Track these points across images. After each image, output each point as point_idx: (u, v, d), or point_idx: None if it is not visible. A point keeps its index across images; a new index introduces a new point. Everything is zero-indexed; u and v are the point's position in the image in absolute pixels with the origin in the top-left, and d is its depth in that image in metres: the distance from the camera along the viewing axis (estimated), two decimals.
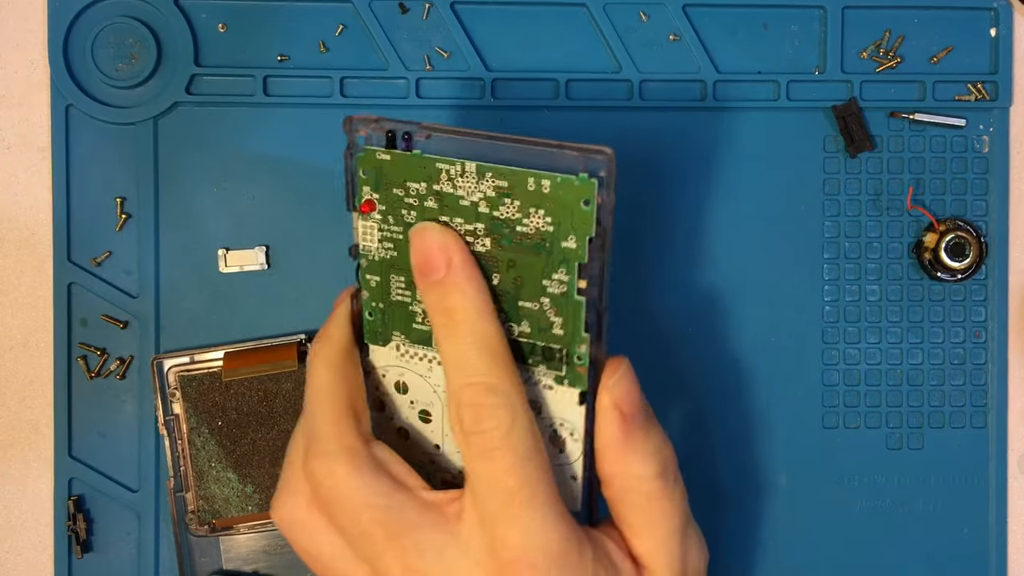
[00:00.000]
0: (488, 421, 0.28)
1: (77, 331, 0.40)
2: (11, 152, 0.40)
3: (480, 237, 0.29)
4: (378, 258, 0.31)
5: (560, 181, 0.28)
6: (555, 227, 0.28)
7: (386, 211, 0.30)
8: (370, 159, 0.30)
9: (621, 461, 0.30)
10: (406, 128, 0.30)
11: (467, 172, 0.29)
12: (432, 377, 0.31)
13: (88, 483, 0.40)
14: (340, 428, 0.29)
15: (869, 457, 0.42)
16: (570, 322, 0.29)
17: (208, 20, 0.40)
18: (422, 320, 0.31)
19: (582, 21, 0.41)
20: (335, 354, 0.31)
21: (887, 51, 0.42)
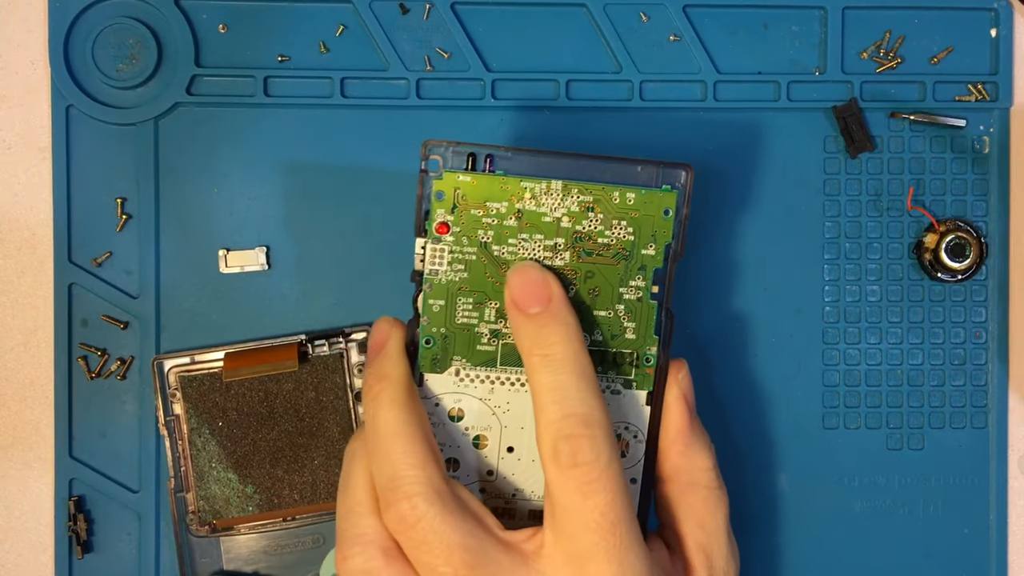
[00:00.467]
0: (587, 453, 0.28)
1: (78, 331, 0.40)
2: (11, 152, 0.40)
3: (560, 252, 0.31)
4: (445, 281, 0.31)
5: (645, 193, 0.31)
6: (636, 236, 0.31)
7: (460, 232, 0.31)
8: (449, 181, 0.31)
9: (687, 453, 0.32)
10: (488, 151, 0.31)
11: (552, 189, 0.31)
12: (493, 399, 0.32)
13: (89, 484, 0.40)
14: (426, 470, 0.29)
15: (869, 457, 0.42)
16: (643, 326, 0.32)
17: (208, 21, 0.40)
18: (487, 341, 0.32)
19: (582, 21, 0.41)
20: (400, 393, 0.30)
21: (887, 51, 0.42)
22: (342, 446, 0.39)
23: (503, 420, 0.32)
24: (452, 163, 0.31)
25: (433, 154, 0.31)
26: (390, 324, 0.32)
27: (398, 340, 0.32)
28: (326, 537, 0.40)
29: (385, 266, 0.41)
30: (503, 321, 0.31)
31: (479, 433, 0.32)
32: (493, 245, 0.31)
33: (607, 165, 0.31)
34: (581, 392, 0.29)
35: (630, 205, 0.31)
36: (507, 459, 0.32)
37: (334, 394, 0.39)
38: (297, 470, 0.39)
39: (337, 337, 0.40)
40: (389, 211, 0.41)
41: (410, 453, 0.29)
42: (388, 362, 0.31)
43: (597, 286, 0.31)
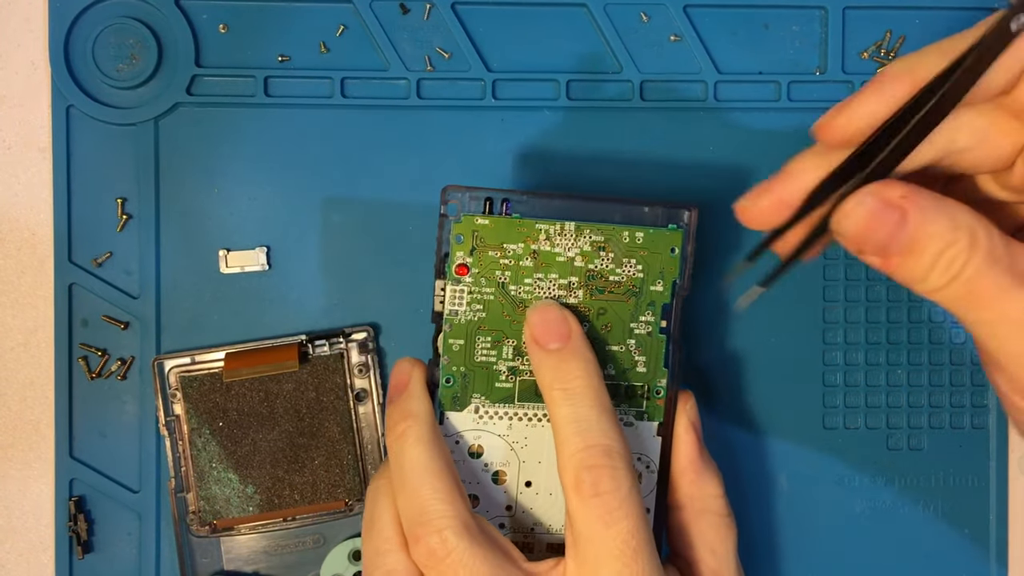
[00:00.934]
0: (608, 482, 0.29)
1: (78, 331, 0.40)
2: (12, 152, 0.40)
3: (574, 289, 0.33)
4: (464, 320, 0.33)
5: (653, 233, 0.33)
6: (645, 273, 0.33)
7: (478, 273, 0.33)
8: (468, 225, 0.33)
9: (698, 481, 0.33)
10: (504, 196, 0.33)
11: (566, 230, 0.33)
12: (511, 434, 0.33)
13: (89, 484, 0.40)
14: (455, 505, 0.29)
15: (869, 457, 0.42)
16: (653, 359, 0.33)
17: (209, 21, 0.40)
18: (505, 378, 0.33)
19: (583, 21, 0.41)
20: (426, 430, 0.31)
21: (888, 51, 0.42)
22: (342, 446, 0.39)
23: (521, 455, 0.33)
24: (470, 207, 0.33)
25: (452, 199, 0.33)
26: (411, 364, 0.33)
27: (420, 379, 0.32)
28: (326, 537, 0.40)
29: (385, 266, 0.41)
30: (520, 359, 0.33)
31: (498, 469, 0.33)
32: (510, 285, 0.33)
33: (616, 207, 0.33)
34: (602, 424, 0.29)
35: (639, 244, 0.33)
36: (526, 493, 0.33)
37: (334, 394, 0.39)
38: (297, 470, 0.39)
39: (337, 337, 0.40)
40: (389, 211, 0.41)
41: (438, 489, 0.29)
42: (412, 400, 0.31)
43: (609, 322, 0.33)
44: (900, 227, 0.25)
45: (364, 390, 0.40)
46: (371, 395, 0.40)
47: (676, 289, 0.33)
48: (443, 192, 0.33)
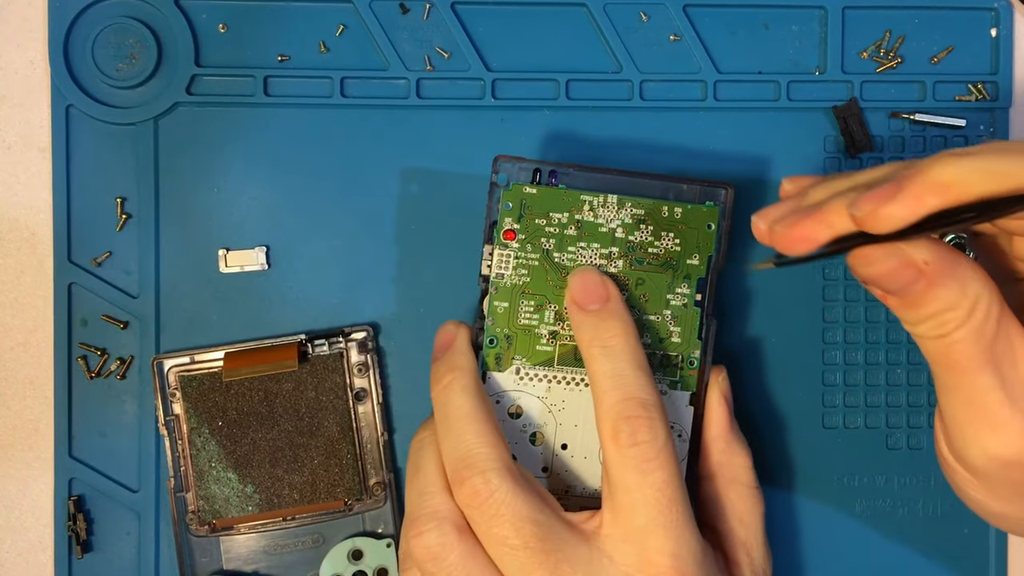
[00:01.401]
0: (645, 433, 0.30)
1: (77, 331, 0.40)
2: (11, 152, 0.40)
3: (614, 259, 0.34)
4: (509, 284, 0.34)
5: (691, 208, 0.35)
6: (682, 247, 0.35)
7: (524, 239, 0.34)
8: (516, 193, 0.34)
9: (728, 450, 0.34)
10: (552, 167, 0.35)
11: (608, 203, 0.34)
12: (550, 397, 0.34)
13: (88, 483, 0.40)
14: (498, 449, 0.31)
15: (869, 457, 0.42)
16: (687, 330, 0.35)
17: (208, 20, 0.40)
18: (547, 341, 0.34)
19: (582, 21, 0.41)
20: (470, 381, 0.32)
21: (888, 51, 0.42)
22: (342, 445, 0.39)
23: (558, 418, 0.34)
24: (519, 176, 0.35)
25: (502, 168, 0.35)
26: (456, 325, 0.34)
27: (465, 337, 0.34)
28: (326, 537, 0.40)
29: (385, 266, 0.41)
30: (561, 323, 0.34)
31: (536, 431, 0.34)
32: (554, 252, 0.34)
33: (656, 183, 0.35)
34: (639, 379, 0.31)
35: (677, 219, 0.34)
36: (561, 456, 0.34)
37: (334, 394, 0.39)
38: (297, 470, 0.39)
39: (337, 337, 0.40)
40: (389, 211, 0.41)
41: (482, 433, 0.31)
42: (457, 355, 0.33)
43: (647, 292, 0.34)
44: (912, 283, 0.26)
45: (364, 389, 0.40)
46: (371, 394, 0.40)
47: (711, 263, 0.35)
48: (494, 162, 0.34)
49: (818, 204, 0.28)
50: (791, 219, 0.28)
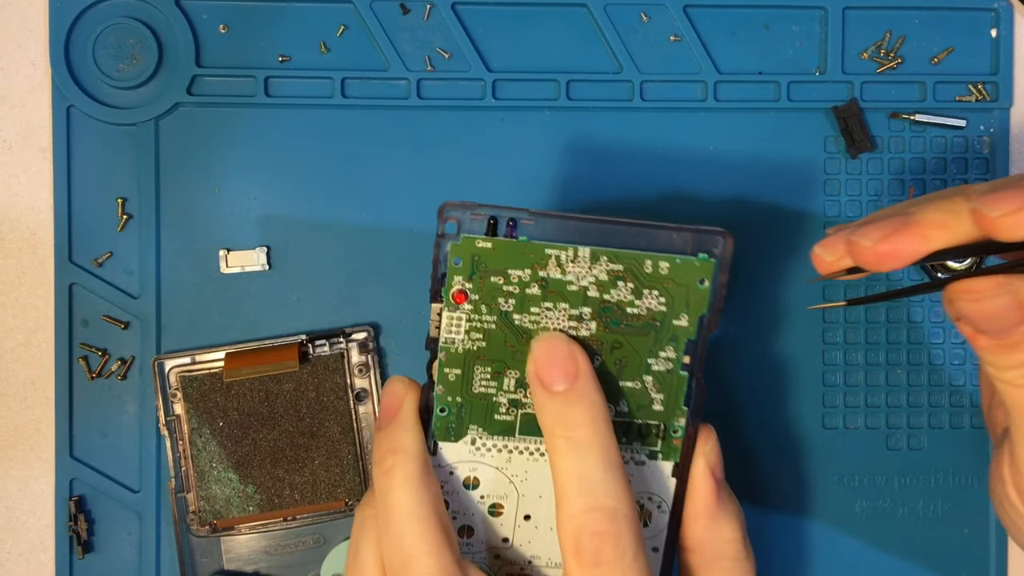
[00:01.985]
0: (611, 551, 0.27)
1: (78, 332, 0.40)
2: (12, 152, 0.40)
3: (585, 321, 0.29)
4: (462, 350, 0.29)
5: (680, 263, 0.29)
6: (668, 307, 0.29)
7: (478, 300, 0.29)
8: (467, 247, 0.29)
9: (714, 526, 0.31)
10: (510, 215, 0.29)
11: (579, 257, 0.29)
12: (510, 467, 0.30)
13: (89, 483, 0.40)
14: (440, 557, 0.27)
15: (869, 457, 0.42)
16: (671, 397, 0.30)
17: (209, 21, 0.40)
18: (505, 411, 0.30)
19: (583, 22, 0.41)
20: (414, 469, 0.28)
21: (888, 52, 0.42)
22: (343, 446, 0.39)
23: (520, 489, 0.30)
24: (470, 227, 0.29)
25: (450, 217, 0.29)
26: (404, 386, 0.30)
27: (412, 407, 0.30)
28: (326, 537, 0.40)
29: (385, 266, 0.41)
30: (522, 391, 0.30)
31: (495, 502, 0.30)
32: (514, 314, 0.29)
33: (638, 231, 0.29)
34: (607, 483, 0.27)
35: (663, 275, 0.29)
36: (524, 527, 0.31)
37: (335, 394, 0.39)
38: (298, 470, 0.39)
39: (337, 337, 0.40)
40: (389, 211, 0.41)
41: (423, 538, 0.27)
42: (401, 432, 0.29)
43: (624, 357, 0.30)
44: (1015, 326, 0.25)
45: (364, 390, 0.40)
46: (371, 395, 0.40)
47: (703, 324, 0.29)
48: (441, 210, 0.29)
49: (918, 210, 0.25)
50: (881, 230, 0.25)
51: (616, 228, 0.29)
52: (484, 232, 0.29)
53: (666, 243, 0.29)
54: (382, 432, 0.29)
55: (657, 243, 0.29)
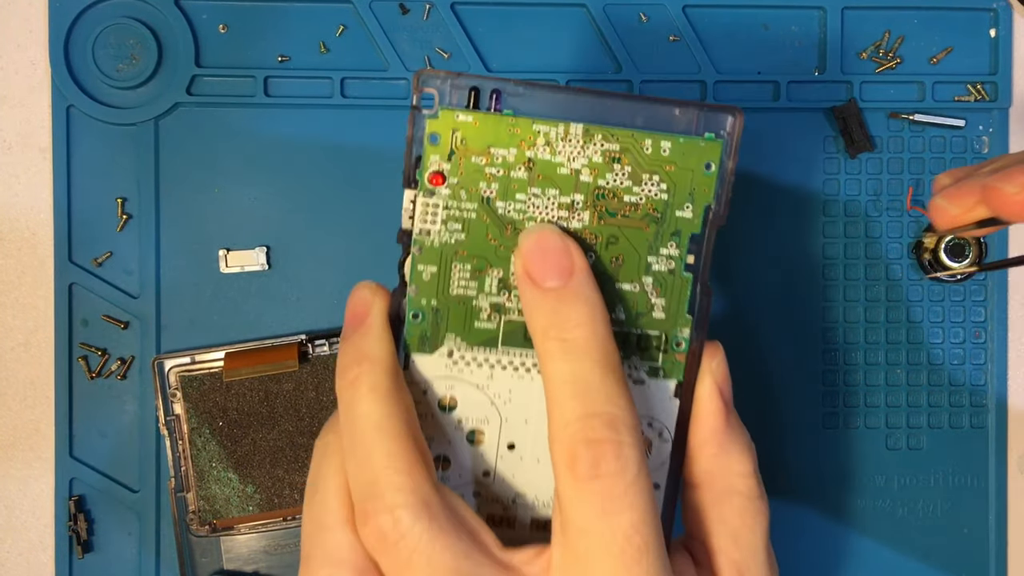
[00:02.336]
0: (612, 462, 0.23)
1: (78, 331, 0.40)
2: (12, 152, 0.40)
3: (578, 211, 0.26)
4: (438, 243, 0.26)
5: (683, 142, 0.26)
6: (670, 195, 0.26)
7: (457, 184, 0.26)
8: (446, 121, 0.25)
9: (722, 455, 0.27)
10: (495, 85, 0.25)
11: (571, 135, 0.26)
12: (491, 386, 0.27)
13: (89, 483, 0.40)
14: (413, 476, 0.24)
15: (869, 457, 0.42)
16: (674, 303, 0.27)
17: (209, 21, 0.40)
18: (487, 317, 0.26)
19: (582, 21, 0.41)
20: (383, 379, 0.25)
21: (887, 52, 0.42)
22: None
23: (503, 412, 0.27)
24: (451, 99, 0.26)
25: (427, 87, 0.25)
26: (372, 291, 0.26)
27: (381, 312, 0.26)
28: None
29: (385, 266, 0.41)
30: (507, 293, 0.26)
31: (475, 427, 0.27)
32: (497, 201, 0.26)
33: (638, 106, 0.26)
34: (607, 387, 0.24)
35: (665, 156, 0.26)
36: (507, 458, 0.27)
37: (334, 394, 0.39)
38: (297, 470, 0.39)
39: (337, 337, 0.40)
40: (389, 211, 0.41)
41: (394, 455, 0.24)
42: (369, 339, 0.25)
43: (621, 254, 0.26)
44: None
45: None
46: None
47: (709, 216, 0.26)
48: (416, 78, 0.25)
49: None
50: None
51: (612, 103, 0.26)
52: (465, 105, 0.26)
53: (667, 122, 0.26)
54: (347, 341, 0.26)
55: (658, 122, 0.26)
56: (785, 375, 0.42)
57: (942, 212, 0.26)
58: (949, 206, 0.26)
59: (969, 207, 0.26)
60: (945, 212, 0.26)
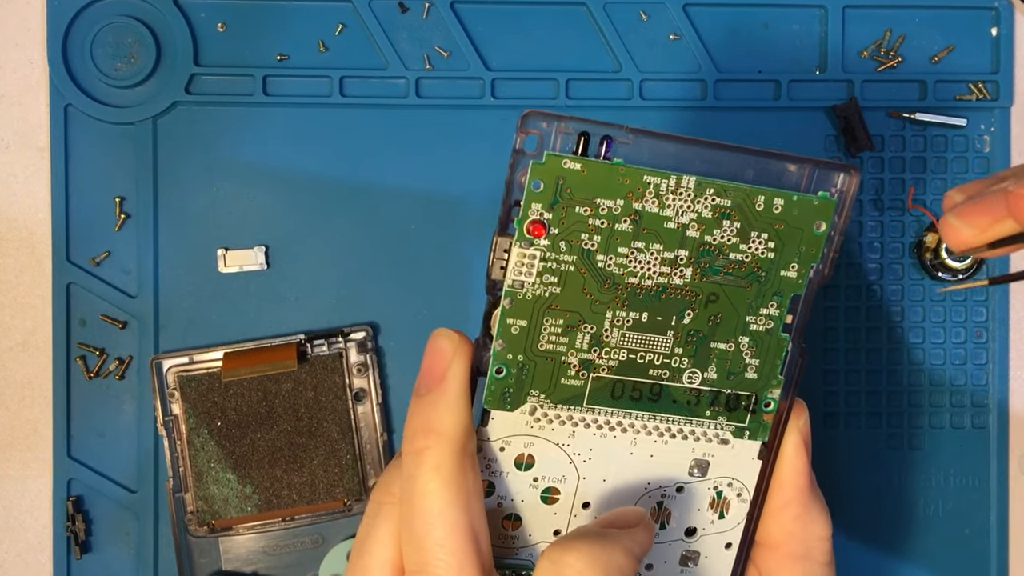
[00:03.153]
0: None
1: (76, 331, 0.40)
2: (10, 152, 0.40)
3: (680, 267, 0.25)
4: (531, 296, 0.25)
5: (796, 200, 0.25)
6: (777, 253, 0.25)
7: (558, 235, 0.24)
8: (552, 168, 0.24)
9: (805, 517, 0.26)
10: (606, 131, 0.24)
11: (683, 188, 0.24)
12: (573, 444, 0.26)
13: (87, 484, 0.40)
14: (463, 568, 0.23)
15: (869, 457, 0.42)
16: (768, 364, 0.26)
17: (207, 19, 0.40)
18: (575, 374, 0.25)
19: (582, 20, 0.41)
20: (450, 459, 0.23)
21: (888, 51, 0.42)
22: (341, 446, 0.39)
23: (582, 470, 0.26)
24: (556, 144, 0.24)
25: (531, 129, 0.24)
26: (452, 344, 0.24)
27: (460, 374, 0.24)
28: (325, 537, 0.40)
29: (385, 265, 0.40)
30: (597, 350, 0.25)
31: (550, 485, 0.26)
32: (598, 255, 0.25)
33: (750, 159, 0.25)
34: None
35: (776, 215, 0.25)
36: (581, 516, 0.26)
37: (333, 394, 0.39)
38: (296, 470, 0.39)
39: (336, 337, 0.39)
40: (389, 210, 0.40)
41: (447, 547, 0.23)
42: (441, 408, 0.24)
43: (720, 312, 0.25)
44: None
45: (363, 390, 0.40)
46: (370, 395, 0.40)
47: (812, 276, 0.25)
48: (522, 119, 0.24)
49: None
50: None
51: (724, 154, 0.25)
52: (572, 151, 0.24)
53: (778, 177, 0.25)
54: (419, 402, 0.24)
55: (768, 176, 0.25)
56: None
57: (956, 232, 0.25)
58: (963, 226, 0.25)
59: (985, 226, 0.25)
60: (959, 233, 0.26)
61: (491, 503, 0.26)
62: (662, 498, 0.27)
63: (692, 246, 0.25)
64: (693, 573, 0.28)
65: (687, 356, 0.26)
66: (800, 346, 0.26)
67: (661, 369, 0.26)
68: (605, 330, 0.25)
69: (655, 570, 0.28)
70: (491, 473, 0.26)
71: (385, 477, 0.25)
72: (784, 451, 0.26)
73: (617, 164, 0.24)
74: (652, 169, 0.24)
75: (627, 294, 0.25)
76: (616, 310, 0.25)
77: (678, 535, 0.27)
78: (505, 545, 0.26)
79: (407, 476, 0.24)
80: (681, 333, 0.25)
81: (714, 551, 0.27)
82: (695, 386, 0.26)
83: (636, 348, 0.26)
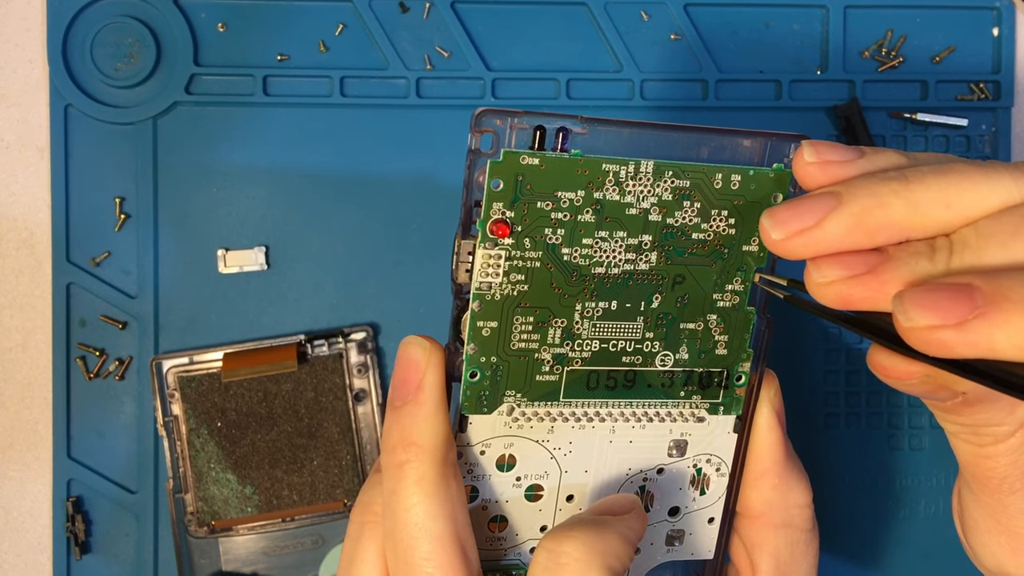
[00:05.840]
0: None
1: (76, 331, 0.40)
2: (10, 152, 0.40)
3: (645, 252, 0.25)
4: (499, 296, 0.24)
5: (753, 174, 0.25)
6: (737, 228, 0.25)
7: (522, 232, 0.24)
8: (510, 165, 0.23)
9: (783, 485, 0.27)
10: (561, 123, 0.24)
11: (642, 173, 0.24)
12: (553, 439, 0.26)
13: (87, 484, 0.40)
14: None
15: (869, 457, 0.42)
16: (737, 338, 0.26)
17: (208, 19, 0.40)
18: (549, 369, 0.25)
19: (583, 20, 0.41)
20: (431, 469, 0.23)
21: (889, 51, 0.41)
22: (341, 446, 0.39)
23: (563, 464, 0.26)
24: (512, 140, 0.24)
25: (486, 128, 0.23)
26: (425, 352, 0.24)
27: (434, 382, 0.24)
28: (325, 538, 0.40)
29: (384, 266, 0.40)
30: (571, 343, 0.25)
31: (534, 482, 0.26)
32: (563, 248, 0.24)
33: (704, 138, 0.25)
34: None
35: (734, 191, 0.25)
36: (566, 510, 0.26)
37: (333, 394, 0.39)
38: (296, 471, 0.39)
39: (336, 337, 0.39)
40: (389, 211, 0.40)
41: (435, 560, 0.23)
42: (419, 420, 0.24)
43: (687, 293, 0.26)
44: (947, 399, 0.23)
45: (363, 390, 0.40)
46: (370, 395, 0.40)
47: None
48: (475, 118, 0.23)
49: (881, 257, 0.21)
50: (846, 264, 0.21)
51: (679, 135, 0.25)
52: (529, 146, 0.24)
53: (734, 153, 0.25)
54: (395, 414, 0.24)
55: (723, 153, 0.25)
56: (787, 375, 0.41)
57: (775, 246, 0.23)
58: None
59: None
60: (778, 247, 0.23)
61: (476, 507, 0.26)
62: (644, 482, 0.27)
63: (655, 230, 0.25)
64: (679, 551, 0.28)
65: (658, 339, 0.26)
66: (766, 317, 0.27)
67: (634, 355, 0.26)
68: (576, 322, 0.25)
69: (642, 553, 0.28)
70: (473, 477, 0.26)
71: (364, 496, 0.25)
72: (757, 422, 0.27)
73: (575, 156, 0.24)
74: (610, 157, 0.24)
75: (595, 284, 0.25)
76: (585, 301, 0.25)
77: (662, 516, 0.28)
78: (493, 548, 0.26)
79: (389, 491, 0.24)
80: (651, 317, 0.25)
81: (698, 527, 0.28)
82: (668, 368, 0.26)
83: (608, 337, 0.26)
